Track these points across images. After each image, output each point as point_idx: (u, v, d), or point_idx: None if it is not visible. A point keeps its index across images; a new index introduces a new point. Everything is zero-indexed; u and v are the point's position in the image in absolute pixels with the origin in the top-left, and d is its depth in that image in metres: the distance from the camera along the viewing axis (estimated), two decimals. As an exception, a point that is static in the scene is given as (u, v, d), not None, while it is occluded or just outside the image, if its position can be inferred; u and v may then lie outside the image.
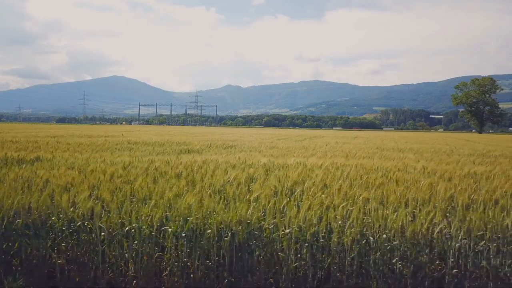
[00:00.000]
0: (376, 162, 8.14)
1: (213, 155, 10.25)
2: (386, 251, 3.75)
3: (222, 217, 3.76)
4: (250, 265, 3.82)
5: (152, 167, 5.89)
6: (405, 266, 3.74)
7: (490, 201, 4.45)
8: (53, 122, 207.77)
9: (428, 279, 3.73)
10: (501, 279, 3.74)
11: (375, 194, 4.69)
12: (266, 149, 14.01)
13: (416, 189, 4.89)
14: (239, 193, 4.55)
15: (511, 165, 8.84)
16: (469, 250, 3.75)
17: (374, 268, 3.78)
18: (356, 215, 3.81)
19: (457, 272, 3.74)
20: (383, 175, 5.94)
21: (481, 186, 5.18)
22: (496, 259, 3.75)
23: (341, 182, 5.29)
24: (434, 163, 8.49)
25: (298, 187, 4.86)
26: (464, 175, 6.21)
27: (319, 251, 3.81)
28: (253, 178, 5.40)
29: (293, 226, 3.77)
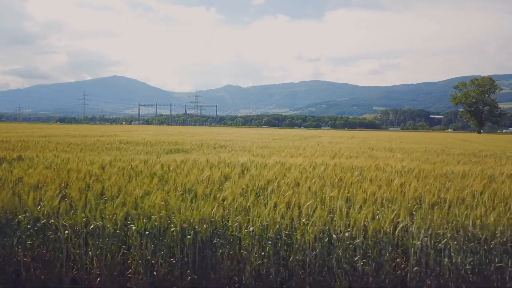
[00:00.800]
0: (358, 162, 8.17)
1: (200, 154, 10.28)
2: (348, 249, 3.78)
3: (185, 216, 3.79)
4: (214, 262, 3.85)
5: (129, 167, 5.93)
6: (367, 264, 3.77)
7: (457, 199, 4.48)
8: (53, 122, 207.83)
9: (389, 276, 3.76)
10: (462, 277, 3.77)
11: (345, 193, 4.73)
12: (256, 148, 14.03)
13: (387, 188, 4.92)
14: (209, 192, 4.58)
15: (494, 164, 8.87)
16: (431, 248, 3.78)
17: (337, 266, 3.81)
18: (319, 213, 3.84)
19: (418, 270, 3.77)
20: (359, 174, 5.97)
21: (453, 185, 5.20)
22: (457, 257, 3.79)
23: (315, 181, 5.33)
24: (417, 162, 8.52)
25: (270, 186, 4.88)
26: (441, 174, 6.23)
27: (283, 249, 3.84)
28: (227, 177, 5.43)
29: (256, 224, 3.81)
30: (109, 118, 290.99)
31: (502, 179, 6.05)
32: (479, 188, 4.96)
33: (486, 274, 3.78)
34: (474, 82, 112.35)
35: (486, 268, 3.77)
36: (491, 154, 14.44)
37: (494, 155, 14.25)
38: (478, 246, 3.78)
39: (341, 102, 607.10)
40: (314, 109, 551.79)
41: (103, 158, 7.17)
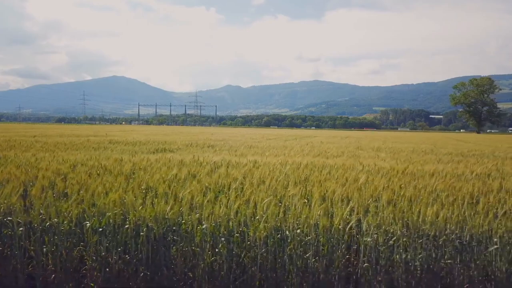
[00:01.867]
0: (337, 161, 8.23)
1: (183, 154, 10.32)
2: (300, 246, 3.83)
3: (139, 213, 3.85)
4: (168, 259, 3.90)
5: (99, 165, 5.98)
6: (318, 261, 3.82)
7: (415, 197, 4.53)
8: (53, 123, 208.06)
9: (340, 273, 3.81)
10: (412, 273, 3.82)
11: (306, 190, 4.78)
12: (244, 148, 14.09)
13: (350, 186, 4.97)
14: (171, 190, 4.63)
15: (473, 164, 8.92)
16: (381, 245, 3.83)
17: (289, 262, 3.86)
18: (273, 210, 3.89)
19: (368, 266, 3.82)
20: (328, 172, 6.02)
21: (417, 184, 5.25)
22: (407, 254, 3.84)
23: (280, 179, 5.38)
24: (395, 162, 8.57)
25: (234, 184, 4.93)
26: (412, 173, 6.29)
27: (236, 246, 3.89)
28: (194, 175, 5.48)
29: (209, 221, 3.86)
30: (109, 118, 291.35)
31: (471, 177, 6.11)
32: (441, 186, 5.01)
33: (436, 270, 3.83)
34: (473, 82, 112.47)
35: (435, 264, 3.83)
36: (478, 154, 14.48)
37: (481, 154, 14.29)
38: (428, 242, 3.83)
39: (341, 102, 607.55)
40: (314, 109, 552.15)
41: (80, 157, 7.23)
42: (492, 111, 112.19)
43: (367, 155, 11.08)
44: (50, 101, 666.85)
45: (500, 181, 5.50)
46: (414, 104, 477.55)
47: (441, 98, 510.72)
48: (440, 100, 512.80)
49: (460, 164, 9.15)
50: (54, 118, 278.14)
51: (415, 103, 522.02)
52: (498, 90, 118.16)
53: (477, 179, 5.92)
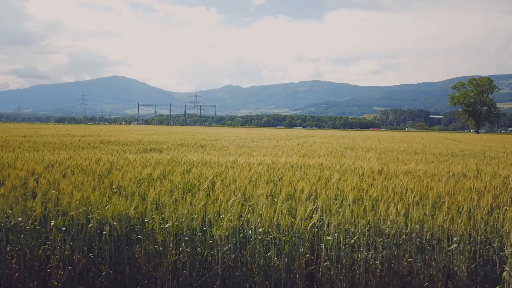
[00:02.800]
0: (319, 160, 8.25)
1: (171, 153, 10.34)
2: (262, 244, 3.86)
3: (102, 212, 3.87)
4: (131, 257, 3.93)
5: (77, 165, 6.01)
6: (280, 260, 3.85)
7: (381, 196, 4.55)
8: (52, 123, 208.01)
9: (302, 272, 3.84)
10: (373, 272, 3.85)
11: (276, 190, 4.81)
12: (234, 148, 14.12)
13: (320, 185, 5.00)
14: (142, 190, 4.66)
15: (458, 163, 8.95)
16: (342, 244, 3.86)
17: (251, 261, 3.89)
18: (235, 209, 3.92)
19: (329, 265, 3.85)
20: (304, 172, 6.05)
21: (388, 183, 5.28)
22: (368, 252, 3.87)
23: (255, 179, 5.41)
24: (377, 161, 8.59)
25: (205, 184, 4.96)
26: (385, 172, 6.32)
27: (199, 245, 3.92)
28: (166, 175, 5.51)
29: (172, 220, 3.89)
30: (108, 118, 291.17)
31: (447, 177, 6.13)
32: (412, 186, 5.03)
33: (397, 269, 3.86)
34: (472, 82, 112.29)
35: (396, 263, 3.86)
36: (468, 154, 14.50)
37: (471, 154, 14.31)
38: (388, 241, 3.86)
39: (341, 102, 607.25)
40: (314, 109, 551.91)
41: (62, 157, 7.25)
42: (491, 111, 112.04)
43: (353, 155, 11.11)
44: (50, 101, 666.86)
45: (473, 181, 5.53)
46: (414, 104, 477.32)
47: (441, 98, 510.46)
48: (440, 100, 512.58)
49: (443, 163, 9.18)
50: (54, 118, 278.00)
51: (415, 103, 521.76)
52: (497, 90, 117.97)
53: (452, 179, 5.94)
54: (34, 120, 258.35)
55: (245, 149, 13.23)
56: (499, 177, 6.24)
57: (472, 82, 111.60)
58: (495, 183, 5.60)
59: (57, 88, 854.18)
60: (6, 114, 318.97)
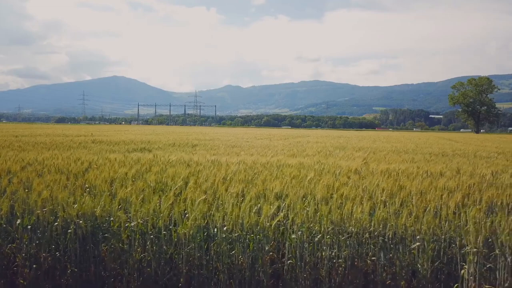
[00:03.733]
0: (302, 159, 8.28)
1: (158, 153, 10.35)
2: (227, 243, 3.89)
3: (69, 211, 3.90)
4: (97, 256, 3.96)
5: (54, 164, 6.04)
6: (244, 258, 3.87)
7: (352, 195, 4.58)
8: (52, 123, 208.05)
9: (266, 270, 3.86)
10: (336, 270, 3.88)
11: (247, 189, 4.83)
12: (225, 147, 14.17)
13: (292, 184, 5.02)
14: (114, 189, 4.69)
15: (443, 163, 8.97)
16: (306, 242, 3.88)
17: (216, 259, 3.92)
18: (201, 207, 3.94)
19: (293, 263, 3.87)
20: (281, 171, 6.07)
21: (361, 182, 5.30)
22: (331, 251, 3.89)
23: (230, 178, 5.44)
24: (361, 161, 8.61)
25: (179, 183, 4.99)
26: (363, 171, 6.35)
27: (164, 243, 3.95)
28: (142, 174, 5.54)
29: (137, 219, 3.92)
30: (108, 118, 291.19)
31: (424, 176, 6.15)
32: (385, 185, 5.06)
33: (360, 267, 3.88)
34: (471, 82, 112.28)
35: (359, 261, 3.88)
36: (459, 154, 14.51)
37: (462, 154, 14.33)
38: (352, 240, 3.88)
39: (341, 102, 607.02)
40: (314, 109, 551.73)
41: (44, 156, 7.28)
42: (491, 111, 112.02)
43: (341, 155, 11.14)
44: (50, 101, 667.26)
45: (447, 180, 5.55)
46: (414, 104, 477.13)
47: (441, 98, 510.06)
48: (440, 100, 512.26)
49: (428, 163, 9.21)
50: (54, 118, 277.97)
51: (415, 103, 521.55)
52: (497, 90, 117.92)
53: (428, 178, 5.96)
54: (34, 120, 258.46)
55: (235, 149, 13.26)
56: (476, 176, 6.26)
57: (471, 82, 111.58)
58: (470, 182, 5.62)
59: (57, 88, 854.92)
60: (6, 114, 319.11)
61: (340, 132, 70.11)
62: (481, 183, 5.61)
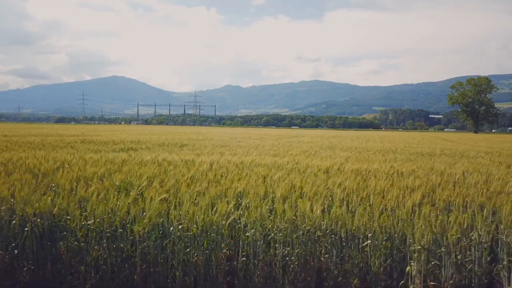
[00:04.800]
0: (278, 159, 8.34)
1: (143, 152, 10.42)
2: (181, 240, 3.94)
3: (24, 209, 3.96)
4: (54, 254, 4.01)
5: (26, 163, 6.11)
6: (198, 256, 3.93)
7: (311, 193, 4.63)
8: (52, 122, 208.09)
9: (220, 267, 3.92)
10: (290, 267, 3.93)
11: (211, 188, 4.88)
12: (212, 147, 14.22)
13: (258, 183, 5.08)
14: (79, 188, 4.74)
15: (422, 163, 9.02)
16: (260, 240, 3.94)
17: (171, 257, 3.97)
18: (157, 206, 4.00)
19: (246, 261, 3.93)
20: (251, 170, 6.13)
21: (322, 182, 5.35)
22: (285, 248, 3.95)
23: (197, 177, 5.50)
24: (338, 160, 8.67)
25: (144, 182, 5.04)
26: (334, 170, 6.41)
27: (121, 241, 4.00)
28: (111, 173, 5.59)
29: (94, 217, 3.98)
30: (108, 118, 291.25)
31: (390, 176, 6.20)
32: (349, 184, 5.11)
33: (312, 265, 3.94)
34: (470, 82, 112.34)
35: (312, 259, 3.94)
36: (447, 154, 14.55)
37: (451, 154, 14.36)
38: (304, 238, 3.94)
39: (341, 102, 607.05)
40: (314, 109, 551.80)
41: (17, 156, 7.33)
42: (489, 111, 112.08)
43: (324, 154, 11.19)
44: (50, 101, 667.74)
45: (413, 179, 5.61)
46: (414, 104, 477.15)
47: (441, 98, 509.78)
48: (440, 100, 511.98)
49: (406, 162, 9.24)
50: (54, 118, 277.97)
51: (415, 103, 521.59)
52: (496, 90, 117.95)
53: (397, 177, 6.01)
54: (34, 120, 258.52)
55: (222, 149, 13.31)
56: (445, 176, 6.32)
57: (470, 82, 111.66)
58: (437, 181, 5.68)
59: (57, 88, 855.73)
60: (6, 114, 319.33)
61: (338, 132, 70.18)
62: (447, 182, 5.66)
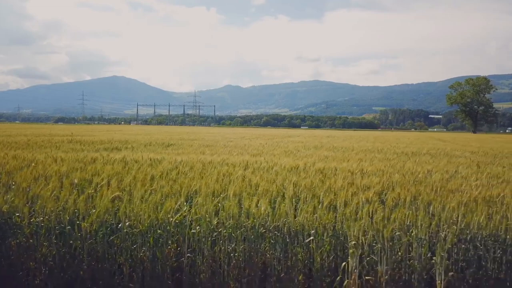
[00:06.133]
0: (255, 158, 8.41)
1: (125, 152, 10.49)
2: (128, 237, 4.02)
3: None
4: (4, 250, 4.09)
5: None
6: (145, 252, 4.00)
7: (263, 191, 4.70)
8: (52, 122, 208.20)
9: (166, 263, 3.99)
10: (234, 263, 4.00)
11: (169, 186, 4.96)
12: (198, 147, 14.30)
13: (218, 181, 5.15)
14: (37, 186, 4.81)
15: (397, 162, 9.09)
16: (205, 237, 4.01)
17: (119, 254, 4.04)
18: (105, 203, 4.07)
19: (191, 257, 4.00)
20: (215, 169, 6.21)
21: (282, 178, 5.42)
22: (229, 245, 4.02)
23: (159, 176, 5.57)
24: (311, 159, 8.75)
25: (103, 180, 5.11)
26: (301, 169, 6.49)
27: (70, 237, 4.07)
28: (73, 171, 5.66)
29: (43, 214, 4.05)
30: (108, 118, 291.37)
31: (352, 174, 6.27)
32: (305, 182, 5.18)
33: (256, 261, 4.01)
34: (469, 82, 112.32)
35: (256, 255, 4.00)
36: (431, 153, 14.61)
37: (435, 154, 14.42)
38: (249, 234, 4.01)
39: (340, 102, 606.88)
40: (314, 109, 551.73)
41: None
42: (488, 111, 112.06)
43: (305, 154, 11.26)
44: (50, 101, 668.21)
45: (372, 178, 5.68)
46: (413, 104, 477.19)
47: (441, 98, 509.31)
48: (440, 100, 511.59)
49: (382, 161, 9.33)
50: (54, 118, 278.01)
51: (415, 103, 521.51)
52: (494, 90, 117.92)
53: (358, 176, 6.08)
54: (34, 120, 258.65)
55: (206, 148, 13.40)
56: (409, 174, 6.39)
57: (469, 82, 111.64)
58: (397, 180, 5.75)
59: (57, 88, 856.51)
60: (5, 114, 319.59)
61: (334, 132, 70.22)
62: (408, 181, 5.73)
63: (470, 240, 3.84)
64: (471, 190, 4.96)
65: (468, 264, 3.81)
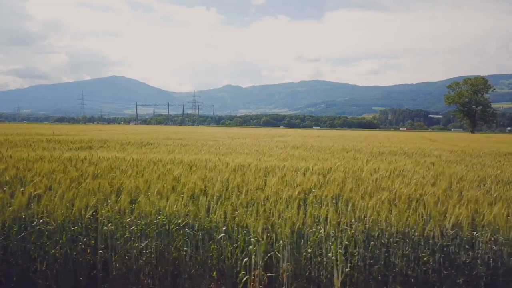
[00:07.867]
0: (217, 157, 8.45)
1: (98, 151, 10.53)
2: (43, 234, 4.05)
3: None
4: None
5: None
6: (57, 249, 4.03)
7: (196, 188, 4.73)
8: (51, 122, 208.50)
9: (78, 260, 4.02)
10: (145, 260, 4.03)
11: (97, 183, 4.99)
12: (175, 146, 14.36)
13: (152, 178, 5.19)
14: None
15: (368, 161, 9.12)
16: (117, 234, 4.04)
17: (34, 250, 4.07)
18: (20, 199, 4.10)
19: (103, 253, 4.03)
20: (157, 167, 6.25)
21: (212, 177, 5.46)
22: (142, 242, 4.05)
23: (99, 174, 5.61)
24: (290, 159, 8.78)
25: (37, 178, 5.15)
26: (240, 167, 6.54)
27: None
28: (11, 168, 5.71)
29: None
30: (107, 118, 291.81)
31: (294, 172, 6.30)
32: (238, 179, 5.21)
33: (168, 257, 4.03)
34: (467, 81, 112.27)
35: (167, 252, 4.03)
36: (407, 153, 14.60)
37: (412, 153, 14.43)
38: (160, 231, 4.04)
39: (340, 102, 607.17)
40: (314, 109, 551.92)
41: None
42: (486, 111, 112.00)
43: (274, 153, 11.28)
44: (50, 101, 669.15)
45: (309, 176, 5.71)
46: (413, 104, 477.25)
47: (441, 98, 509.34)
48: (440, 100, 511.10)
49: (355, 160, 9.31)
50: (54, 118, 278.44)
51: (415, 103, 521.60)
52: (493, 90, 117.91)
53: (294, 174, 6.10)
54: (34, 120, 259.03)
55: (181, 148, 13.46)
56: (351, 172, 6.42)
57: (467, 82, 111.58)
58: (337, 178, 5.78)
59: (57, 88, 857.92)
60: (5, 114, 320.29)
61: (328, 132, 70.36)
62: (346, 179, 5.76)
63: (378, 237, 3.86)
64: (400, 188, 4.98)
65: (376, 260, 3.83)
